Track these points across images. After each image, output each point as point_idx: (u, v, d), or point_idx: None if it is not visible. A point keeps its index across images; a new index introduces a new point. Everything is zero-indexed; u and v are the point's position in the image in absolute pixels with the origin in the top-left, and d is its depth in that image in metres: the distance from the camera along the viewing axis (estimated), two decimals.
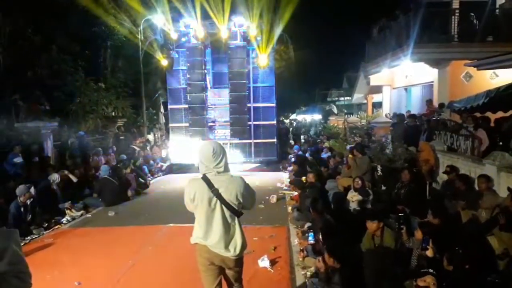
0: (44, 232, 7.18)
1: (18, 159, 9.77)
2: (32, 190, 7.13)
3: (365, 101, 21.76)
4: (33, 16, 12.58)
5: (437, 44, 12.13)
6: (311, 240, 5.53)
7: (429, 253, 3.93)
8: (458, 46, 12.11)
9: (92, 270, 5.45)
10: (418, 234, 4.17)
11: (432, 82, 13.28)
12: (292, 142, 18.46)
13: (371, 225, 4.65)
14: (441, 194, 6.75)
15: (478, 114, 9.16)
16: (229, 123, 13.60)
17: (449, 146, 8.49)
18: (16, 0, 12.25)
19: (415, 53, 12.12)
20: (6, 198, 7.33)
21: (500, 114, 9.41)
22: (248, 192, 3.34)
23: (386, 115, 14.63)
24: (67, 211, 8.18)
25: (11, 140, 10.54)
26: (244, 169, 13.28)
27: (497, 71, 11.64)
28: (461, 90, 11.62)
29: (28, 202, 7.09)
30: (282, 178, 11.96)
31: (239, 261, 3.44)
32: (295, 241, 6.26)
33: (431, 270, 3.23)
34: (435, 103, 11.92)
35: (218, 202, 3.25)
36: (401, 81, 16.34)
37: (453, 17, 12.29)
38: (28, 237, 6.77)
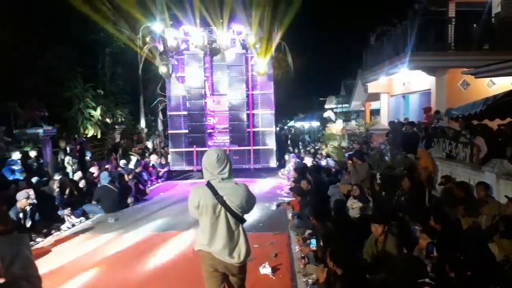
0: (44, 239, 7.17)
1: (17, 165, 9.75)
2: (32, 195, 7.12)
3: (363, 108, 21.86)
4: (32, 22, 12.60)
5: (433, 52, 12.23)
6: (313, 246, 5.54)
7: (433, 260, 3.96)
8: (454, 54, 12.21)
9: (92, 277, 5.44)
10: (423, 241, 4.18)
11: (430, 89, 13.37)
12: (290, 149, 18.49)
13: (377, 229, 4.64)
14: (441, 201, 6.78)
15: (475, 122, 9.22)
16: (228, 130, 13.64)
17: (448, 153, 8.54)
18: (14, 6, 12.30)
19: (412, 61, 12.21)
20: (7, 204, 7.30)
21: (497, 121, 9.47)
22: (251, 200, 3.38)
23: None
24: (67, 218, 8.16)
25: (10, 147, 10.52)
26: (243, 176, 13.29)
27: (494, 79, 11.74)
28: (459, 98, 11.69)
29: (28, 208, 7.07)
30: (281, 185, 11.98)
31: (242, 268, 3.46)
32: (296, 248, 6.27)
33: (427, 280, 3.23)
34: (433, 111, 12.00)
35: (223, 209, 3.27)
36: (399, 89, 16.43)
37: (449, 25, 12.41)
38: None
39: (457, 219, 5.48)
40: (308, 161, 13.00)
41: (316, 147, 17.33)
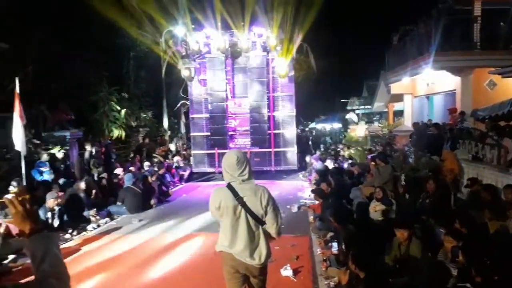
0: (71, 239, 7.36)
1: (46, 167, 10.05)
2: (61, 197, 7.35)
3: (386, 110, 21.57)
4: (60, 28, 13.00)
5: (459, 52, 11.98)
6: (335, 249, 5.50)
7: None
8: (480, 53, 11.93)
9: (118, 276, 5.56)
10: (448, 244, 4.10)
11: (455, 90, 13.09)
12: (312, 151, 18.40)
13: (402, 234, 4.58)
14: (467, 204, 6.62)
15: (502, 123, 8.98)
16: (249, 132, 13.70)
17: (474, 155, 8.33)
18: (44, 13, 12.71)
19: (436, 61, 12.00)
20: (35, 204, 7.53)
21: None
22: (271, 201, 3.35)
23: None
24: (92, 218, 8.36)
25: (39, 149, 10.86)
26: (264, 178, 13.31)
27: None
28: (485, 98, 11.42)
29: (56, 208, 7.29)
30: (302, 187, 11.93)
31: (263, 269, 3.47)
32: (317, 250, 6.23)
33: (468, 285, 3.15)
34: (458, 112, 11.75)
35: (243, 210, 3.29)
36: (422, 90, 16.15)
37: (475, 24, 12.13)
38: None
39: (483, 222, 5.34)
40: (330, 163, 12.90)
41: (338, 149, 17.17)
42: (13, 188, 7.89)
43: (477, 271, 3.67)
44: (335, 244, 5.54)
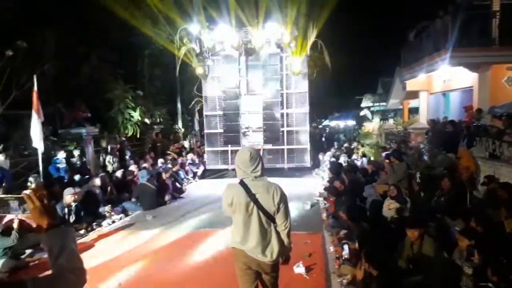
0: (86, 234, 7.49)
1: (62, 164, 10.23)
2: (78, 193, 7.48)
3: (401, 107, 21.31)
4: (77, 27, 13.19)
5: (477, 48, 11.74)
6: (345, 252, 5.44)
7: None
8: (499, 49, 11.67)
9: (132, 272, 5.64)
10: (463, 243, 4.05)
11: (472, 87, 12.86)
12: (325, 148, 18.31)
13: (413, 233, 4.54)
14: (483, 202, 6.52)
15: None
16: (262, 130, 13.69)
17: (491, 153, 8.18)
18: (61, 12, 12.91)
19: (453, 57, 11.79)
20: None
21: None
22: (283, 199, 3.35)
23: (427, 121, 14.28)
24: (107, 215, 8.49)
25: (55, 146, 11.06)
26: (277, 175, 13.30)
27: None
28: (503, 95, 11.20)
29: (73, 204, 7.42)
30: (315, 184, 11.89)
31: (275, 266, 3.48)
32: (330, 248, 6.21)
33: (490, 285, 3.11)
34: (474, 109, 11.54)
35: (255, 207, 3.29)
36: (438, 86, 15.90)
37: (493, 19, 11.88)
38: None
39: (500, 221, 5.25)
40: (343, 160, 12.82)
41: (352, 147, 17.05)
42: (30, 184, 8.07)
43: (494, 271, 3.61)
44: (345, 247, 5.49)
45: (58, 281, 1.49)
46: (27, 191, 1.64)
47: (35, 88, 8.46)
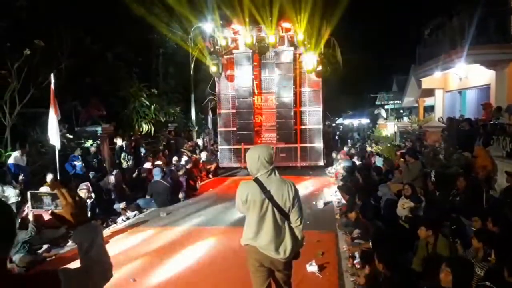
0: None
1: (78, 161, 10.38)
2: (90, 190, 7.59)
3: (416, 105, 21.06)
4: (92, 25, 13.35)
5: (494, 45, 11.51)
6: (356, 261, 5.29)
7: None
8: None
9: (146, 268, 5.71)
10: (475, 243, 4.00)
11: (489, 84, 12.63)
12: (339, 146, 18.21)
13: (422, 232, 4.51)
14: (500, 202, 6.41)
15: None
16: (275, 128, 13.69)
17: (509, 151, 8.03)
18: (76, 10, 13.09)
19: (470, 55, 11.59)
20: None
21: None
22: (297, 196, 3.37)
23: (438, 119, 14.10)
24: (122, 211, 8.59)
25: (72, 143, 11.23)
26: (290, 173, 13.29)
27: None
28: None
29: (88, 201, 7.53)
30: (329, 183, 11.85)
31: (288, 264, 3.48)
32: (343, 247, 6.19)
33: (488, 283, 3.08)
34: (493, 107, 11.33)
35: (270, 204, 3.29)
36: (454, 84, 15.66)
37: (511, 16, 11.64)
38: None
39: None
40: (357, 159, 12.74)
41: (366, 145, 16.92)
42: (48, 181, 8.21)
43: (510, 271, 3.55)
44: (357, 255, 5.37)
45: (87, 274, 1.56)
46: (44, 188, 1.68)
47: (52, 86, 8.60)
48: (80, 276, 1.54)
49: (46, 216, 6.69)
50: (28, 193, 1.63)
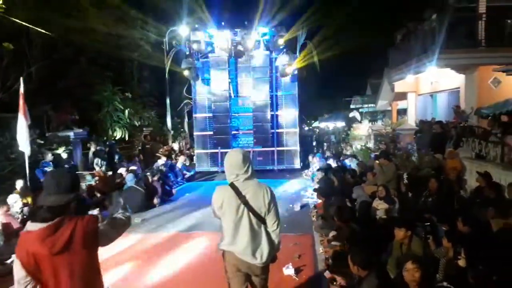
0: None
1: (49, 167, 10.11)
2: None
3: (390, 108, 21.48)
4: (65, 28, 13.04)
5: (463, 50, 11.89)
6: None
7: (461, 262, 3.86)
8: (485, 51, 11.83)
9: (120, 274, 5.59)
10: (445, 243, 4.09)
11: (459, 88, 13.03)
12: (315, 149, 18.38)
13: (399, 233, 4.59)
14: (470, 202, 6.60)
15: (505, 118, 8.91)
16: (252, 131, 13.71)
17: (477, 153, 8.30)
18: (48, 14, 12.76)
19: (441, 59, 11.92)
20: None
21: None
22: (273, 201, 3.37)
23: (416, 123, 14.42)
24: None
25: (43, 149, 10.92)
26: (267, 177, 13.30)
27: None
28: (490, 96, 11.34)
29: None
30: (305, 185, 11.93)
31: (265, 268, 3.47)
32: (319, 249, 6.23)
33: (445, 284, 3.15)
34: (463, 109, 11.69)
35: (246, 209, 3.28)
36: (426, 88, 16.08)
37: (480, 21, 12.05)
38: None
39: (486, 220, 5.32)
40: (332, 161, 12.88)
41: (341, 148, 17.16)
42: (18, 188, 7.93)
43: (474, 278, 3.61)
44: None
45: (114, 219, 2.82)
46: (15, 195, 1.63)
47: (22, 90, 8.34)
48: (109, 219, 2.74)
49: (15, 224, 6.49)
50: None
